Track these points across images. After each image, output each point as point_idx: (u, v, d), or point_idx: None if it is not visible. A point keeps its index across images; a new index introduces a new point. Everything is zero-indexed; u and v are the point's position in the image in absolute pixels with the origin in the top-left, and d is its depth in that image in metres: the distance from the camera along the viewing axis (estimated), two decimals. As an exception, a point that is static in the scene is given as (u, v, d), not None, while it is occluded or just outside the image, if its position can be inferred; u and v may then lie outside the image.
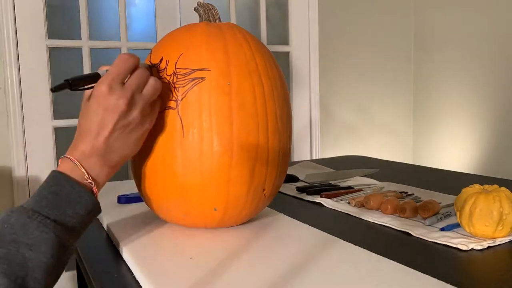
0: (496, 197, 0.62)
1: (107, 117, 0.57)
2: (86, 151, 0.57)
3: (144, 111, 0.60)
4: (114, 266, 0.60)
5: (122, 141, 0.59)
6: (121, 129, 0.58)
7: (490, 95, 2.33)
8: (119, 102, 0.57)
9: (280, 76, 0.70)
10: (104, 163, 0.58)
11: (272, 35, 2.38)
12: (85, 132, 0.58)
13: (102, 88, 0.57)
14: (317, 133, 2.47)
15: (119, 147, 0.59)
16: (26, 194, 1.87)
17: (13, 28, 1.81)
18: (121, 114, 0.57)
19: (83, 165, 0.57)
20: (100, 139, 0.57)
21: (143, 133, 0.61)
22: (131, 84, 0.59)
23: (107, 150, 0.58)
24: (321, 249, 0.60)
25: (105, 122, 0.57)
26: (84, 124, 0.58)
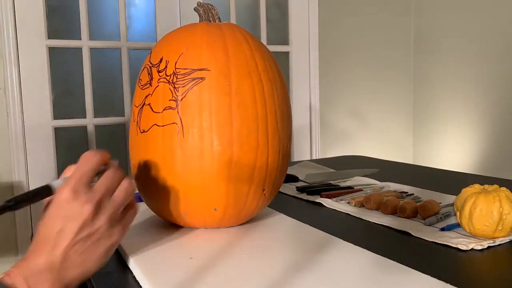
0: (496, 197, 0.62)
1: (68, 226, 0.49)
2: (38, 265, 0.49)
3: (112, 219, 0.52)
4: (114, 266, 0.60)
5: (84, 255, 0.50)
6: (84, 240, 0.50)
7: (490, 95, 2.33)
8: (83, 208, 0.50)
9: (280, 76, 0.70)
10: (58, 280, 0.49)
11: (272, 35, 2.38)
12: (40, 242, 0.50)
13: (65, 192, 0.50)
14: (317, 133, 2.47)
15: (79, 262, 0.50)
16: (26, 194, 1.87)
17: (13, 28, 1.81)
18: (84, 222, 0.50)
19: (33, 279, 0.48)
20: (57, 251, 0.49)
21: (110, 247, 0.53)
22: (99, 187, 0.52)
23: (65, 265, 0.49)
24: (321, 249, 0.60)
25: (65, 231, 0.49)
26: (41, 234, 0.50)
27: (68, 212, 0.50)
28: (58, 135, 1.96)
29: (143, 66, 0.69)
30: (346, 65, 2.54)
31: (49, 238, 0.50)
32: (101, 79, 2.06)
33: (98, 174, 0.53)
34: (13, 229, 1.87)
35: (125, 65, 2.07)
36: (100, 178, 0.53)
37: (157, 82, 0.65)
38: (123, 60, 2.07)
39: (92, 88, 2.01)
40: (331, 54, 2.49)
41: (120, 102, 2.10)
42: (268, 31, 2.34)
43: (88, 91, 2.00)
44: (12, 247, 1.87)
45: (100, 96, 2.05)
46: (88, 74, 2.00)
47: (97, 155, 0.53)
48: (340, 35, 2.52)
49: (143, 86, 0.67)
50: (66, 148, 2.01)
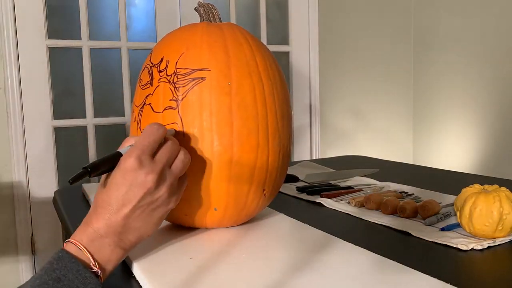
0: (496, 197, 0.62)
1: (131, 192, 0.52)
2: (101, 229, 0.52)
3: (172, 188, 0.56)
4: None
5: (143, 220, 0.54)
6: (145, 206, 0.53)
7: (491, 95, 2.33)
8: (147, 178, 0.52)
9: (280, 76, 0.70)
10: (118, 244, 0.53)
11: (272, 35, 2.38)
12: (102, 207, 0.52)
13: (131, 161, 0.52)
14: (317, 133, 2.47)
15: (138, 227, 0.54)
16: (26, 194, 1.87)
17: (13, 28, 1.81)
18: (148, 191, 0.53)
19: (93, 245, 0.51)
20: (119, 215, 0.52)
21: (165, 213, 0.57)
22: (161, 158, 0.55)
23: (125, 229, 0.53)
24: (321, 249, 0.60)
25: (128, 197, 0.52)
26: (102, 198, 0.53)
27: (133, 180, 0.52)
28: (58, 135, 1.97)
29: (144, 66, 0.70)
30: (346, 65, 2.54)
31: (112, 203, 0.52)
32: (101, 79, 2.06)
33: None
34: (13, 229, 1.87)
35: (125, 65, 2.07)
36: (161, 149, 0.55)
37: (158, 82, 0.65)
38: (123, 60, 2.07)
39: (92, 88, 2.01)
40: (331, 54, 2.49)
41: (120, 102, 2.10)
42: (268, 31, 2.35)
43: (88, 91, 2.00)
44: (12, 247, 1.87)
45: (100, 96, 2.05)
46: (88, 74, 2.00)
47: (160, 129, 0.56)
48: (340, 35, 2.52)
49: (143, 86, 0.67)
50: (66, 148, 2.01)
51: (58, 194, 1.06)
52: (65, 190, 1.16)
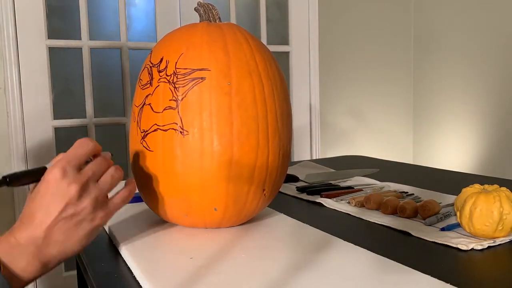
0: (496, 197, 0.62)
1: (53, 203, 0.52)
2: (22, 239, 0.51)
3: (96, 202, 0.54)
4: (114, 266, 0.60)
5: (66, 234, 0.53)
6: (68, 219, 0.52)
7: (491, 95, 2.33)
8: (69, 187, 0.52)
9: (280, 76, 0.70)
10: (37, 256, 0.52)
11: (272, 35, 2.38)
12: (26, 218, 0.52)
13: (54, 171, 0.52)
14: (317, 133, 2.47)
15: (60, 240, 0.53)
16: (26, 194, 1.86)
17: (13, 28, 1.81)
18: (69, 201, 0.52)
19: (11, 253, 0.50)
20: (41, 227, 0.51)
21: (91, 231, 0.55)
22: (86, 171, 0.55)
23: (46, 241, 0.52)
24: (321, 249, 0.60)
25: (50, 208, 0.52)
26: (28, 209, 0.53)
27: (55, 190, 0.52)
28: (58, 135, 1.97)
29: (144, 66, 0.70)
30: (346, 65, 2.54)
31: (35, 214, 0.52)
32: (101, 79, 2.06)
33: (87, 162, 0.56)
34: (13, 229, 1.86)
35: (125, 65, 2.07)
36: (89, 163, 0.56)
37: (158, 82, 0.65)
38: (123, 60, 2.07)
39: (92, 88, 2.01)
40: (331, 54, 2.49)
41: (120, 102, 2.10)
42: (268, 31, 2.35)
43: (88, 91, 2.00)
44: (12, 247, 1.87)
45: (100, 96, 2.05)
46: (88, 74, 2.00)
47: (90, 143, 0.56)
48: (340, 35, 2.52)
49: (143, 86, 0.67)
50: (66, 148, 2.00)
51: (58, 194, 1.06)
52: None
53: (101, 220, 0.56)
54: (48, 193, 0.52)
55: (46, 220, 0.52)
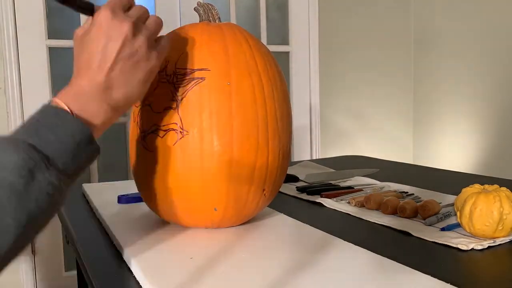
0: (496, 197, 0.62)
1: (110, 45, 0.51)
2: (85, 86, 0.51)
3: (149, 42, 0.54)
4: (114, 266, 0.60)
5: (126, 75, 0.53)
6: (126, 59, 0.52)
7: (491, 95, 2.33)
8: (123, 25, 0.51)
9: (280, 76, 0.70)
10: (104, 100, 0.51)
11: (272, 35, 2.38)
12: (83, 67, 0.52)
13: (104, 12, 0.51)
14: (317, 133, 2.47)
15: (122, 82, 0.52)
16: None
17: (13, 28, 1.81)
18: (125, 39, 0.51)
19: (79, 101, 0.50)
20: (101, 71, 0.51)
21: (149, 72, 0.55)
22: (132, 13, 0.54)
23: (109, 85, 0.52)
24: (321, 249, 0.60)
25: (107, 50, 0.51)
26: (82, 58, 0.52)
27: (109, 31, 0.51)
28: (58, 135, 1.96)
29: (143, 66, 0.69)
30: (346, 65, 2.54)
31: (92, 60, 0.51)
32: (101, 79, 2.06)
33: None
34: (13, 229, 1.86)
35: (125, 65, 2.07)
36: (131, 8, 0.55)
37: (157, 82, 0.65)
38: (123, 60, 2.07)
39: (92, 88, 2.01)
40: (331, 54, 2.49)
41: (120, 102, 2.10)
42: (268, 31, 2.35)
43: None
44: (12, 247, 1.87)
45: (100, 96, 2.05)
46: (88, 74, 2.00)
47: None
48: (340, 35, 2.52)
49: (143, 86, 0.67)
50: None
51: (58, 194, 1.06)
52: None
53: (156, 59, 0.56)
54: (103, 35, 0.51)
55: (105, 63, 0.51)
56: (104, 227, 0.76)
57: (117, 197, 0.89)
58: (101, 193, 0.95)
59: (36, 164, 0.44)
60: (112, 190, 0.93)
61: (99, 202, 0.87)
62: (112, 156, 2.11)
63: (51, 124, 0.47)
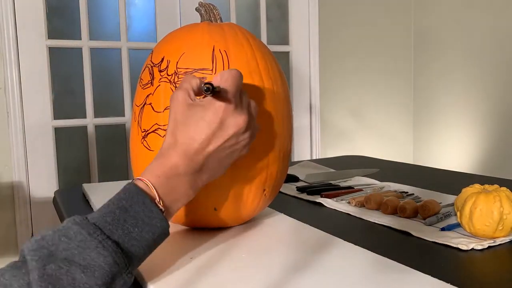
0: (496, 197, 0.62)
1: (220, 133, 0.51)
2: (180, 166, 0.50)
3: (253, 134, 0.56)
4: (114, 266, 0.60)
5: (219, 162, 0.53)
6: (227, 148, 0.52)
7: (491, 95, 2.33)
8: (241, 118, 0.52)
9: (281, 76, 0.70)
10: (192, 185, 0.51)
11: (272, 35, 2.38)
12: (186, 143, 0.51)
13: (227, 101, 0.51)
14: (317, 133, 2.47)
15: (214, 167, 0.53)
16: (26, 194, 1.87)
17: (13, 28, 1.81)
18: (238, 131, 0.52)
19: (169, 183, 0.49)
20: (203, 154, 0.51)
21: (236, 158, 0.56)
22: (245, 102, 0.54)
23: (203, 168, 0.51)
24: (321, 249, 0.60)
25: (216, 136, 0.51)
26: (187, 134, 0.51)
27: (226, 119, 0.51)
28: (58, 135, 1.97)
29: (145, 66, 0.70)
30: (346, 65, 2.54)
31: (197, 140, 0.50)
32: (101, 79, 2.06)
33: None
34: (13, 229, 1.87)
35: (125, 65, 2.07)
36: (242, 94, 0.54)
37: (159, 81, 0.65)
38: (123, 60, 2.07)
39: (92, 88, 2.01)
40: (331, 54, 2.49)
41: (120, 102, 2.10)
42: (268, 31, 2.35)
43: (88, 91, 2.00)
44: (12, 247, 1.87)
45: (100, 96, 2.06)
46: (88, 74, 2.00)
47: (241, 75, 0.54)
48: (340, 35, 2.52)
49: (144, 86, 0.67)
50: (66, 148, 2.01)
51: (58, 194, 1.06)
52: (65, 190, 1.16)
53: (247, 150, 0.56)
54: (218, 121, 0.51)
55: (210, 148, 0.51)
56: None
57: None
58: (101, 193, 0.95)
59: (119, 270, 0.44)
60: (112, 190, 0.92)
61: (99, 202, 0.87)
62: (112, 156, 2.11)
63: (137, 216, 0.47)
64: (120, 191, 0.49)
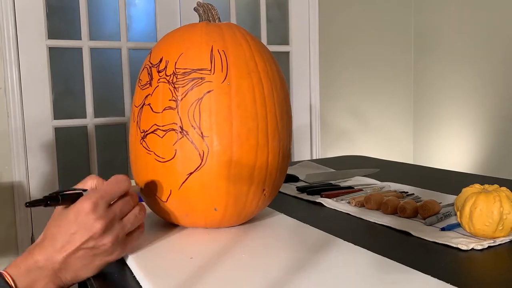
0: (496, 197, 0.62)
1: (78, 233, 0.54)
2: (40, 261, 0.53)
3: (117, 240, 0.57)
4: (114, 266, 0.60)
5: (82, 263, 0.55)
6: (87, 250, 0.55)
7: (491, 95, 2.33)
8: (96, 223, 0.54)
9: (280, 76, 0.70)
10: (53, 280, 0.54)
11: (272, 35, 2.38)
12: (48, 240, 0.54)
13: (87, 203, 0.54)
14: (317, 133, 2.47)
15: (77, 268, 0.55)
16: (26, 194, 1.87)
17: (13, 28, 1.81)
18: (93, 235, 0.54)
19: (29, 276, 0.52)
20: (61, 253, 0.54)
21: (105, 263, 0.57)
22: (115, 208, 0.57)
23: (63, 266, 0.54)
24: (321, 249, 0.60)
25: (74, 237, 0.54)
26: (51, 232, 0.55)
27: (82, 222, 0.54)
28: (58, 135, 1.97)
29: (143, 66, 0.69)
30: (346, 65, 2.54)
31: (57, 239, 0.54)
32: (101, 79, 2.06)
33: None
34: (13, 229, 1.87)
35: (125, 65, 2.07)
36: (119, 200, 0.58)
37: (157, 82, 0.65)
38: (123, 60, 2.07)
39: (92, 88, 2.01)
40: (331, 53, 2.49)
41: (120, 102, 2.10)
42: (268, 31, 2.35)
43: (88, 91, 2.00)
44: (12, 247, 1.87)
45: (100, 96, 2.06)
46: (88, 74, 2.00)
47: (125, 182, 0.58)
48: (340, 35, 2.52)
49: (143, 86, 0.67)
50: (66, 148, 2.01)
51: (58, 194, 1.06)
52: (65, 190, 1.16)
53: (117, 255, 0.58)
54: (76, 223, 0.54)
55: (67, 247, 0.54)
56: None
57: (117, 197, 0.88)
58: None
59: None
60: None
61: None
62: (112, 156, 2.11)
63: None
64: None
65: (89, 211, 0.54)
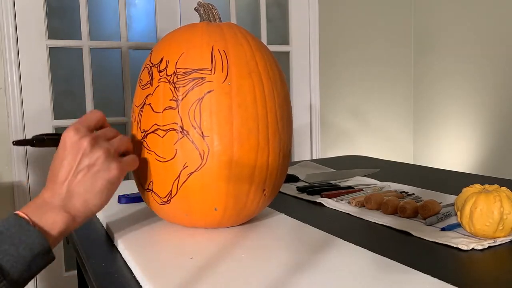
0: (496, 197, 0.62)
1: (70, 157, 0.57)
2: (46, 199, 0.56)
3: (108, 153, 0.58)
4: (114, 266, 0.60)
5: (85, 185, 0.57)
6: (85, 170, 0.57)
7: (491, 95, 2.33)
8: (82, 140, 0.57)
9: (281, 76, 0.70)
10: (63, 209, 0.56)
11: (272, 35, 2.38)
12: (50, 180, 0.58)
13: (68, 132, 0.58)
14: (317, 133, 2.47)
15: (81, 192, 0.57)
16: (26, 194, 1.87)
17: (13, 28, 1.81)
18: (84, 151, 0.57)
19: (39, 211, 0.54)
20: (63, 184, 0.56)
21: (109, 182, 0.58)
22: (98, 132, 0.61)
23: (69, 194, 0.56)
24: (321, 249, 0.60)
25: (68, 164, 0.56)
26: (50, 173, 0.58)
27: (70, 147, 0.57)
28: (58, 135, 1.96)
29: (144, 66, 0.70)
30: (346, 65, 2.54)
31: (57, 174, 0.57)
32: (101, 79, 2.06)
33: None
34: (13, 229, 1.86)
35: (125, 65, 2.07)
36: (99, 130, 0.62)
37: (158, 82, 0.65)
38: (123, 60, 2.07)
39: (92, 88, 2.01)
40: (331, 53, 2.49)
41: (120, 102, 2.10)
42: (268, 31, 2.35)
43: (88, 91, 2.00)
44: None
45: (100, 96, 2.05)
46: (88, 74, 2.00)
47: (98, 112, 0.63)
48: (340, 35, 2.52)
49: (143, 86, 0.67)
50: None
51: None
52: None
53: (116, 170, 0.59)
54: (65, 151, 0.57)
55: (66, 176, 0.56)
56: (104, 227, 0.76)
57: (117, 197, 0.89)
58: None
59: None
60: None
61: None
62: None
63: (12, 235, 0.51)
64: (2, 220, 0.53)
65: (73, 135, 0.57)
